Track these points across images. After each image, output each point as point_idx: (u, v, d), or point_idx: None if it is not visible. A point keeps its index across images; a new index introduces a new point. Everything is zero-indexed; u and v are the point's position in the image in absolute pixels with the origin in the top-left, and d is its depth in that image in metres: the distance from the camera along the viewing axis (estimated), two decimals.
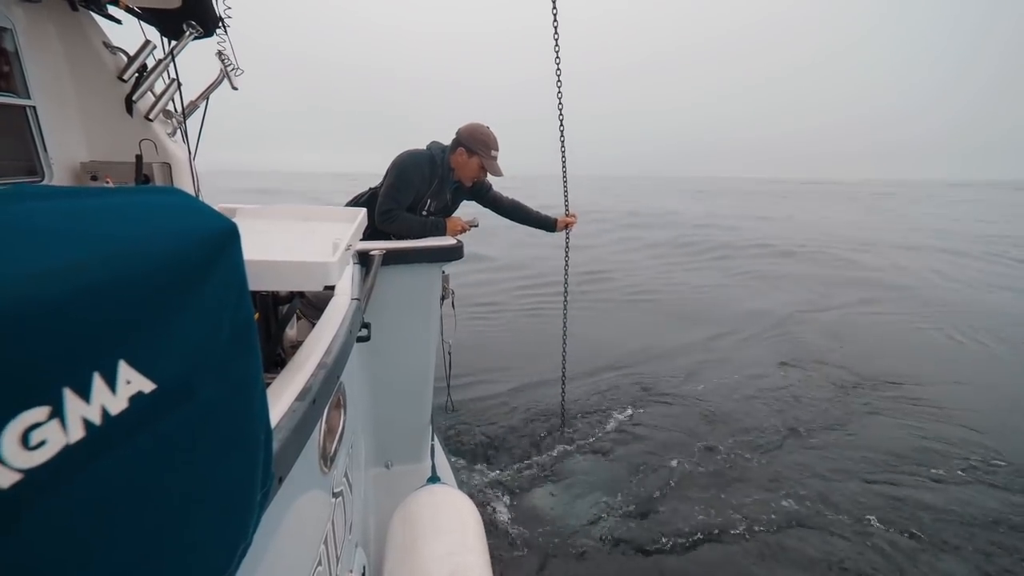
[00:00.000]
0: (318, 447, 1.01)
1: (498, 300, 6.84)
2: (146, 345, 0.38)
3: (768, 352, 5.11)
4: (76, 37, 1.89)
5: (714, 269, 9.36)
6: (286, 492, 0.77)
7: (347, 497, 1.34)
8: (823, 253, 11.01)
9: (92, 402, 0.34)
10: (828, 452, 3.32)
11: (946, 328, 5.89)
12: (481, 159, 2.37)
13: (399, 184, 2.33)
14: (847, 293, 7.52)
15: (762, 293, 7.53)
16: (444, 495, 1.83)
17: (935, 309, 6.70)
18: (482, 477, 3.03)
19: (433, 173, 2.38)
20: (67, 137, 1.92)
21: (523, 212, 2.78)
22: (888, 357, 4.96)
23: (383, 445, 2.32)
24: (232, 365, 0.49)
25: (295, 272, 0.97)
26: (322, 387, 0.90)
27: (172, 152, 2.28)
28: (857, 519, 2.65)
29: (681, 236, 13.53)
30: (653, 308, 6.78)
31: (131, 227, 0.39)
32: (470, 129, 2.38)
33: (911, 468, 3.13)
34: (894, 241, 13.24)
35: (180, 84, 2.30)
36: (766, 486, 2.92)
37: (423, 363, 2.29)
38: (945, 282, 8.43)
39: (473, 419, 3.70)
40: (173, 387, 0.42)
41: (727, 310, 6.61)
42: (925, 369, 4.70)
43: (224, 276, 0.47)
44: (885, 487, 2.94)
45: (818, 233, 14.47)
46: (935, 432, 3.57)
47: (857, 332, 5.76)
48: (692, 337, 5.49)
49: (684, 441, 3.43)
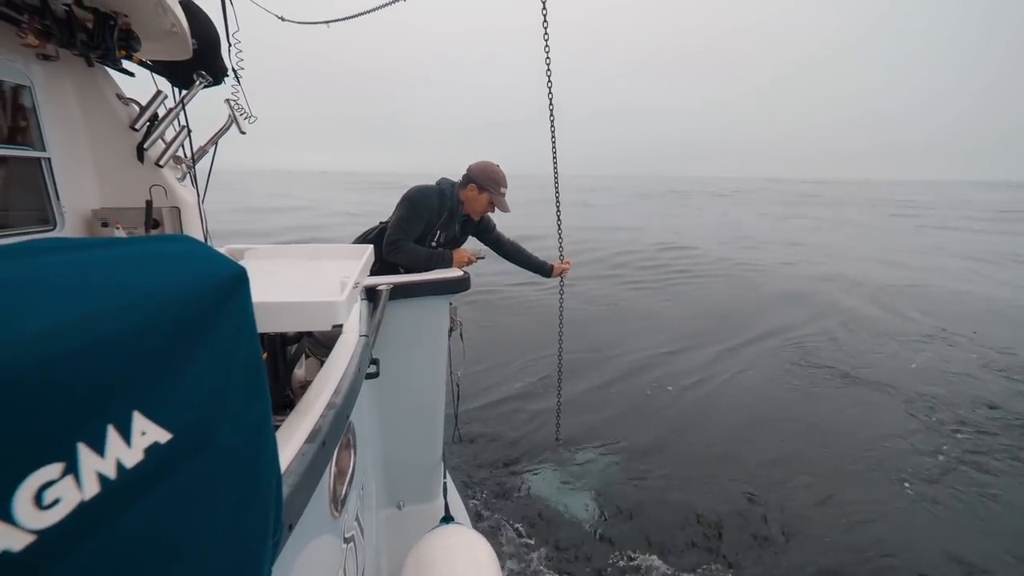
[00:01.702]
0: (328, 491, 0.99)
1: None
2: (160, 394, 0.38)
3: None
4: (91, 91, 1.96)
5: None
6: (296, 540, 0.75)
7: (358, 542, 1.29)
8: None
9: (107, 456, 0.33)
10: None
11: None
12: (491, 195, 2.50)
13: (409, 216, 2.40)
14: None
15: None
16: (458, 536, 1.76)
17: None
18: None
19: (443, 206, 2.48)
20: (80, 186, 1.96)
21: (522, 256, 2.90)
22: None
23: (394, 485, 2.26)
24: (246, 409, 0.49)
25: (303, 312, 0.97)
26: (331, 428, 0.88)
27: (181, 196, 2.32)
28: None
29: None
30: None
31: (141, 277, 0.39)
32: (482, 167, 2.52)
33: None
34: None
35: (190, 131, 2.37)
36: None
37: (433, 398, 2.25)
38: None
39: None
40: (190, 435, 0.41)
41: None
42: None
43: (234, 320, 0.47)
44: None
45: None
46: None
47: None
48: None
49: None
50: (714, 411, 4.29)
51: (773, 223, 20.98)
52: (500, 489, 3.25)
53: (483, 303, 7.14)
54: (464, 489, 3.12)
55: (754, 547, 2.73)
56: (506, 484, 3.31)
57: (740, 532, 2.84)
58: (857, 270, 10.48)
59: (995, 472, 3.44)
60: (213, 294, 0.45)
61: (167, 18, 1.99)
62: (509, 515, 2.97)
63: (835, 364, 5.27)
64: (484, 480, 3.34)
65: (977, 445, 3.78)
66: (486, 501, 3.11)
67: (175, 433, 0.38)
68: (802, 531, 2.82)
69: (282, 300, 0.95)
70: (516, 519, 2.94)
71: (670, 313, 7.24)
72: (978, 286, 9.25)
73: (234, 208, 21.13)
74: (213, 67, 2.48)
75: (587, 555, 2.68)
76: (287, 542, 0.68)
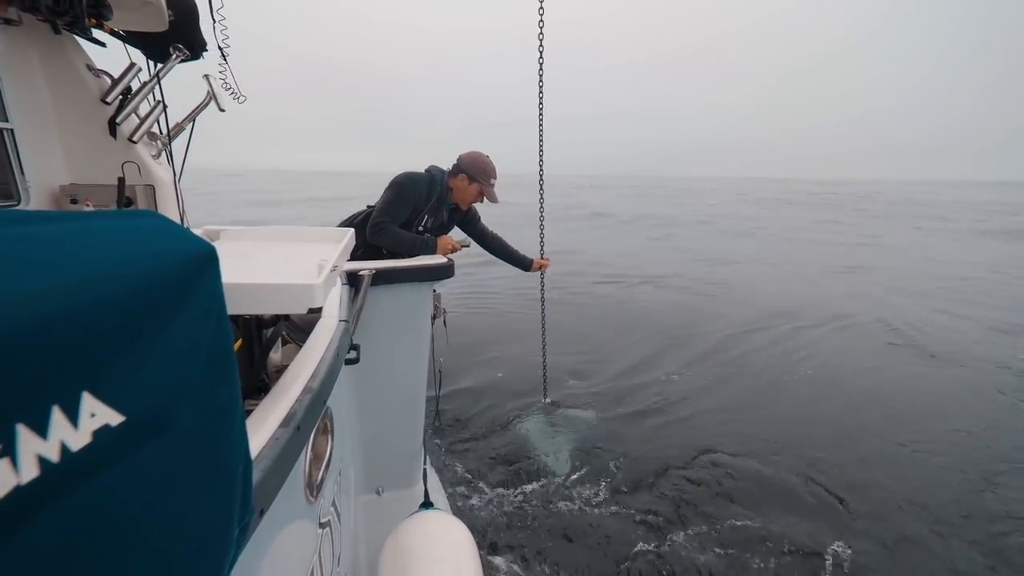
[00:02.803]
0: (303, 476, 0.97)
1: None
2: (115, 375, 0.36)
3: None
4: (58, 60, 1.87)
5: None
6: (268, 525, 0.73)
7: (335, 527, 1.28)
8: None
9: (49, 438, 0.31)
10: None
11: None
12: (481, 186, 2.50)
13: (396, 200, 2.39)
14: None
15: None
16: (437, 522, 1.77)
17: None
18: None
19: (432, 192, 2.47)
20: (46, 160, 1.88)
21: (504, 249, 2.94)
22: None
23: (374, 471, 2.26)
24: (211, 392, 0.47)
25: (278, 295, 0.94)
26: (307, 412, 0.86)
27: (156, 174, 2.25)
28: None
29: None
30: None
31: (99, 252, 0.37)
32: (472, 157, 2.51)
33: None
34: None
35: (166, 106, 2.29)
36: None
37: (414, 384, 2.24)
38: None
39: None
40: (145, 418, 0.39)
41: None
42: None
43: (201, 300, 0.45)
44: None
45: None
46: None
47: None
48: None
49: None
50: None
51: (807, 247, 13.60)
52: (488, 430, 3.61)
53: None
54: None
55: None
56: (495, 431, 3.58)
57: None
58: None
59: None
60: (179, 272, 0.43)
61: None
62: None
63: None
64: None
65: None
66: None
67: (128, 415, 0.36)
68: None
69: (257, 282, 0.92)
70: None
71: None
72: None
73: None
74: (191, 41, 2.39)
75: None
76: (259, 527, 0.67)
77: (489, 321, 6.23)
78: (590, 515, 2.82)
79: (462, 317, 5.84)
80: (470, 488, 3.05)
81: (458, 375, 4.44)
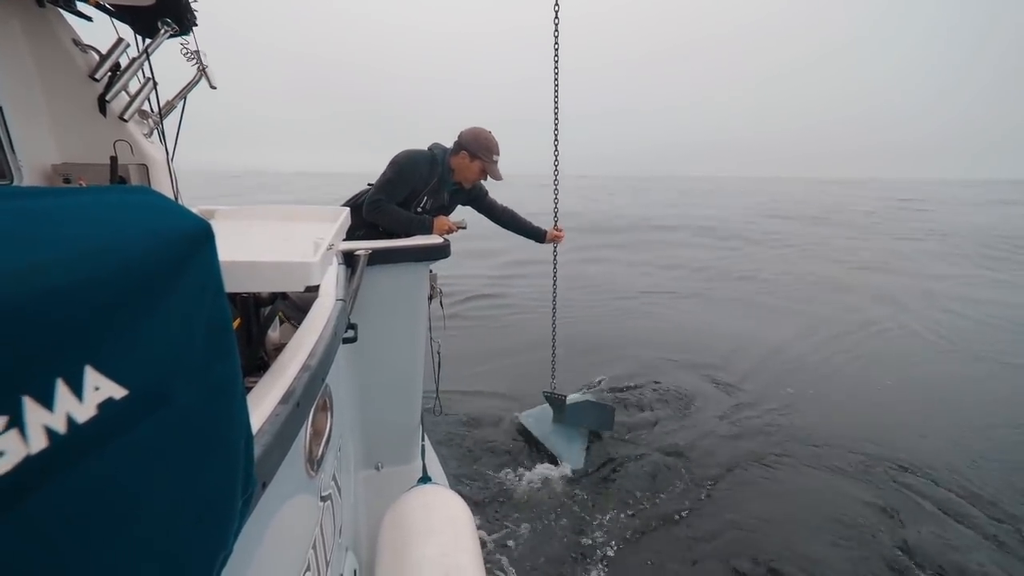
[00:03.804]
0: (304, 451, 0.99)
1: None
2: (115, 349, 0.37)
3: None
4: (43, 34, 1.83)
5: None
6: (271, 497, 0.76)
7: (335, 500, 1.31)
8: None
9: (56, 410, 0.32)
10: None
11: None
12: (483, 163, 2.41)
13: (395, 179, 2.35)
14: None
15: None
16: (435, 495, 1.81)
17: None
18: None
19: (432, 172, 2.40)
20: (37, 138, 1.85)
21: (516, 221, 2.86)
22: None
23: (373, 447, 2.30)
24: (209, 369, 0.48)
25: (275, 273, 0.95)
26: (306, 389, 0.88)
27: (149, 153, 2.22)
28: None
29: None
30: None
31: (98, 227, 0.38)
32: (474, 133, 2.42)
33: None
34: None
35: (156, 83, 2.24)
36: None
37: (411, 363, 2.27)
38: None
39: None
40: (146, 392, 0.40)
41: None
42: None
43: (198, 277, 0.46)
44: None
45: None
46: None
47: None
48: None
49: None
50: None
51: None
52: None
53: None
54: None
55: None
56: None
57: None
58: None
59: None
60: (175, 249, 0.43)
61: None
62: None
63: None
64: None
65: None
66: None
67: (131, 389, 0.38)
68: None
69: (252, 260, 0.93)
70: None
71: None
72: None
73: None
74: (179, 14, 2.33)
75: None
76: (262, 499, 0.69)
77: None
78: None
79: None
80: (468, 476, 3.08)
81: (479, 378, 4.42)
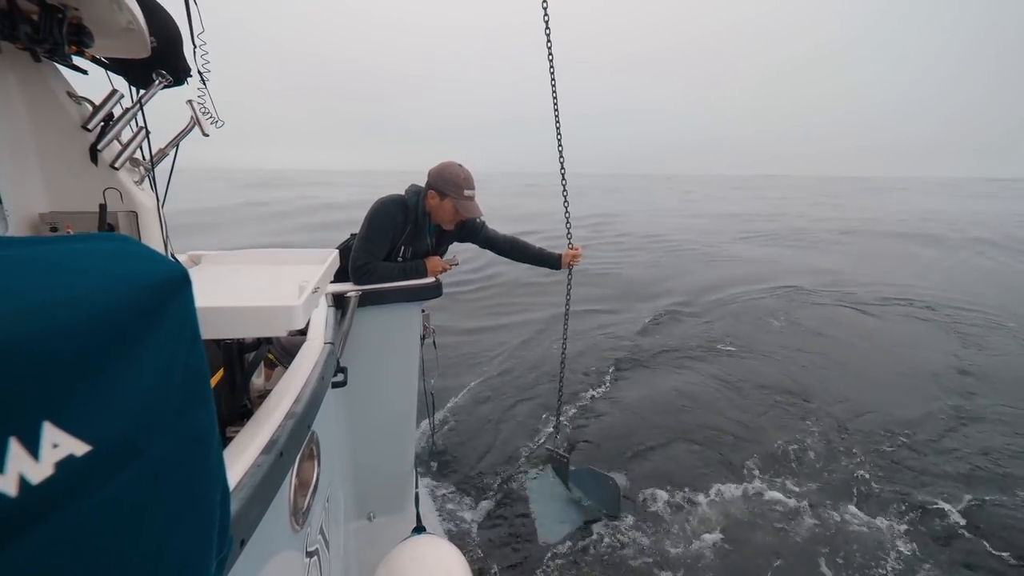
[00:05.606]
0: (288, 503, 0.94)
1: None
2: (78, 403, 0.34)
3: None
4: (38, 88, 1.86)
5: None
6: (250, 555, 0.71)
7: (323, 555, 1.24)
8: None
9: (7, 471, 0.30)
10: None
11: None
12: (453, 201, 2.22)
13: (371, 235, 2.22)
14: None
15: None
16: (430, 547, 1.73)
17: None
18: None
19: (406, 220, 2.26)
20: (25, 188, 1.85)
21: (524, 250, 2.59)
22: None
23: (364, 495, 2.21)
24: (184, 417, 0.45)
25: (257, 317, 0.93)
26: (291, 437, 0.84)
27: (139, 200, 2.22)
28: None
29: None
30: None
31: (67, 276, 0.36)
32: (438, 170, 2.26)
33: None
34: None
35: (148, 132, 2.27)
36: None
37: (404, 406, 2.21)
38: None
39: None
40: (113, 447, 0.37)
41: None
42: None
43: (174, 324, 0.44)
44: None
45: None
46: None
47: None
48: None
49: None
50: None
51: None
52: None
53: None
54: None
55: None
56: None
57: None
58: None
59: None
60: (149, 296, 0.42)
61: (122, 15, 1.91)
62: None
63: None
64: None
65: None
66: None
67: (95, 445, 0.35)
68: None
69: (235, 305, 0.91)
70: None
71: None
72: None
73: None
74: (174, 66, 2.39)
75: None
76: (240, 558, 0.65)
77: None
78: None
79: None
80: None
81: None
